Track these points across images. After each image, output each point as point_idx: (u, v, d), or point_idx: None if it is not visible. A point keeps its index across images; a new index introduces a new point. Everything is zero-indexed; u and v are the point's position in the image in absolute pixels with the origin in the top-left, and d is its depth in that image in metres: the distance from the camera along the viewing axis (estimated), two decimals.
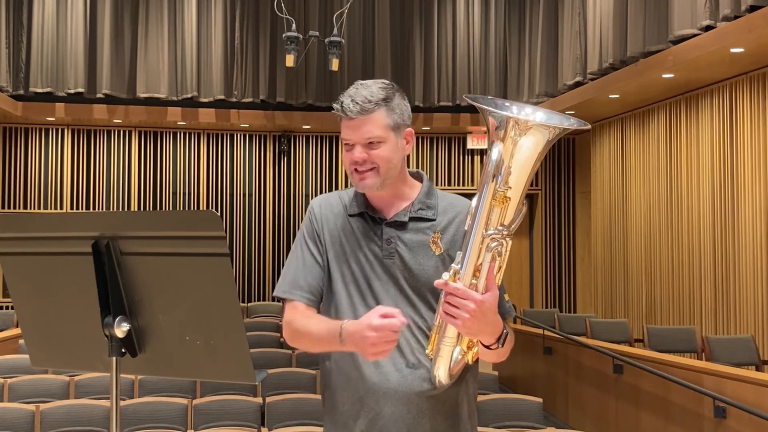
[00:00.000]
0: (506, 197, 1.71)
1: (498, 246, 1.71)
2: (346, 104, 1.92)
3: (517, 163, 1.71)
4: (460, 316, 1.70)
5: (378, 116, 1.92)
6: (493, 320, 1.75)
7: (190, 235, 1.57)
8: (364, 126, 1.92)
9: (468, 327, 1.72)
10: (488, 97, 1.79)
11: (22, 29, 10.34)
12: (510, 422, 4.56)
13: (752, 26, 6.26)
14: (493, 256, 1.71)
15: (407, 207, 1.99)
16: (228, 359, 1.63)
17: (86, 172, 11.20)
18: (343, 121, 1.93)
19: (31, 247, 1.73)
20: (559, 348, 7.68)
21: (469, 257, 1.72)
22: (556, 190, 11.86)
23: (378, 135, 1.92)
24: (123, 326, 1.65)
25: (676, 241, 8.52)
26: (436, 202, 2.00)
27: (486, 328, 1.75)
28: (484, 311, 1.70)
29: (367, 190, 1.96)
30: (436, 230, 1.96)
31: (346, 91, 1.96)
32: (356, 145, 1.93)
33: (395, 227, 1.96)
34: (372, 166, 1.93)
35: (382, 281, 1.94)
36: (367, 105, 1.91)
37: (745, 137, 7.43)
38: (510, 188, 1.71)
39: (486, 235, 1.71)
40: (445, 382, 1.86)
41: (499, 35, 11.10)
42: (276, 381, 5.47)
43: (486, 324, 1.74)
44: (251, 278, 11.45)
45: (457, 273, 1.72)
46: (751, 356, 6.70)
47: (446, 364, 1.83)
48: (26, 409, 4.45)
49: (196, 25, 10.67)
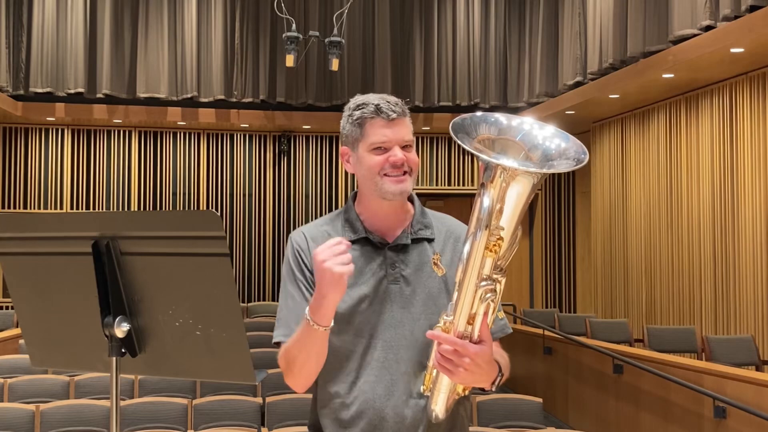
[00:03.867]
0: (498, 241, 1.62)
1: (492, 295, 1.65)
2: (384, 106, 1.89)
3: (509, 202, 1.61)
4: (454, 369, 1.66)
5: (409, 122, 1.93)
6: (488, 369, 1.71)
7: (190, 235, 1.57)
8: (402, 127, 1.90)
9: (462, 379, 1.70)
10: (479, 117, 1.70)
11: (22, 29, 10.35)
12: (510, 422, 4.56)
13: (752, 26, 6.26)
14: (487, 305, 1.65)
15: (406, 228, 1.95)
16: (228, 359, 1.63)
17: (86, 172, 11.20)
18: (377, 122, 1.89)
19: (31, 247, 1.73)
20: (559, 348, 7.68)
21: (463, 309, 1.65)
22: (556, 190, 11.86)
23: (411, 139, 1.92)
24: (123, 326, 1.65)
25: (676, 241, 8.52)
26: (430, 221, 1.98)
27: (480, 378, 1.72)
28: (478, 363, 1.66)
29: (402, 195, 1.90)
30: (435, 251, 1.93)
31: (366, 98, 1.92)
32: (395, 147, 1.89)
33: (397, 251, 1.93)
34: (407, 170, 1.90)
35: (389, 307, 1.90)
36: (405, 108, 1.92)
37: (745, 137, 7.43)
38: (502, 228, 1.62)
39: (480, 286, 1.63)
40: (442, 416, 1.83)
41: (499, 35, 11.10)
42: (276, 381, 5.46)
43: (481, 374, 1.70)
44: (251, 278, 11.45)
45: (450, 324, 1.67)
46: (751, 356, 6.70)
47: (444, 402, 1.80)
48: (26, 409, 4.45)
49: (196, 25, 10.67)
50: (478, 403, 4.67)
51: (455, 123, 1.68)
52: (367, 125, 1.89)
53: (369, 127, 1.89)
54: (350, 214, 1.98)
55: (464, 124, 1.69)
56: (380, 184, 1.89)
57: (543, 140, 1.69)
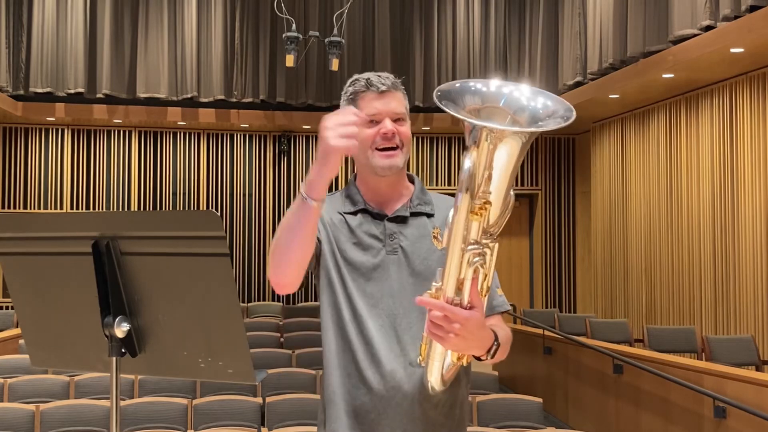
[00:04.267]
0: (485, 205, 1.58)
1: (480, 259, 1.61)
2: (375, 79, 1.91)
3: (498, 165, 1.58)
4: (445, 336, 1.63)
5: (401, 96, 1.95)
6: (480, 335, 1.67)
7: (190, 235, 1.57)
8: (393, 100, 1.92)
9: (454, 345, 1.67)
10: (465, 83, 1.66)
11: (22, 29, 10.35)
12: (510, 422, 4.56)
13: (752, 26, 6.26)
14: (475, 270, 1.62)
15: (406, 203, 1.98)
16: (228, 359, 1.63)
17: (86, 172, 11.21)
18: (368, 95, 1.91)
19: (31, 247, 1.73)
20: (559, 348, 7.68)
21: (451, 274, 1.62)
22: (556, 190, 11.86)
23: (403, 112, 1.93)
24: (123, 326, 1.65)
25: (676, 241, 8.52)
26: (431, 198, 2.01)
27: (473, 344, 1.69)
28: (470, 329, 1.62)
29: (391, 170, 1.92)
30: (435, 225, 1.92)
31: (361, 75, 1.95)
32: (385, 119, 1.90)
33: (397, 222, 1.96)
34: (399, 144, 1.91)
35: (385, 276, 1.93)
36: (395, 81, 1.94)
37: (745, 137, 7.43)
38: (490, 193, 1.58)
39: (466, 250, 1.60)
40: (438, 388, 1.83)
41: (499, 35, 11.10)
42: (276, 381, 5.47)
43: (473, 340, 1.66)
44: (251, 278, 11.45)
45: (440, 290, 1.65)
46: (751, 356, 6.70)
47: (438, 372, 1.79)
48: (26, 409, 4.45)
49: (196, 25, 10.67)
50: (478, 403, 4.67)
51: (442, 90, 1.63)
52: (359, 99, 1.92)
53: (361, 101, 1.92)
54: (350, 189, 2.01)
55: (451, 92, 1.65)
56: (371, 159, 1.91)
57: (528, 101, 1.67)
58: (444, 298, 1.63)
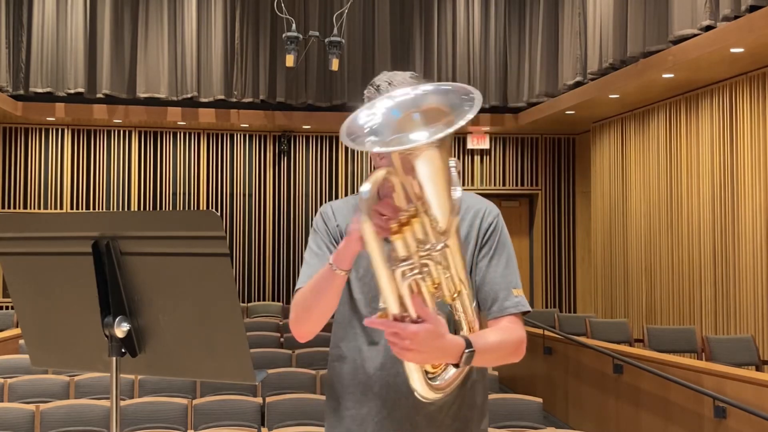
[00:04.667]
0: (409, 220, 1.60)
1: (415, 273, 1.61)
2: (384, 87, 1.90)
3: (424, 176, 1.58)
4: (401, 351, 1.64)
5: None
6: (436, 345, 1.64)
7: (190, 235, 1.57)
8: None
9: (412, 358, 1.67)
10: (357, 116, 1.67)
11: (22, 29, 10.34)
12: (510, 422, 4.56)
13: (752, 26, 6.26)
14: (414, 284, 1.62)
15: None
16: (228, 359, 1.63)
17: (86, 172, 11.20)
18: None
19: (31, 247, 1.73)
20: (559, 348, 7.68)
21: (387, 294, 1.61)
22: (556, 190, 11.86)
23: None
24: (123, 326, 1.65)
25: (676, 241, 8.52)
26: None
27: (432, 355, 1.67)
28: (420, 342, 1.61)
29: None
30: None
31: (377, 78, 1.94)
32: None
33: None
34: None
35: None
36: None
37: (745, 137, 7.43)
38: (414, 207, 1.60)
39: (396, 268, 1.60)
40: (427, 395, 1.78)
41: (499, 35, 11.10)
42: (276, 381, 5.47)
43: (430, 351, 1.65)
44: (251, 278, 11.44)
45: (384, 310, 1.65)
46: (751, 356, 6.70)
47: (420, 379, 1.75)
48: (26, 409, 4.44)
49: (196, 25, 10.66)
50: None
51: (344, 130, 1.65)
52: None
53: None
54: None
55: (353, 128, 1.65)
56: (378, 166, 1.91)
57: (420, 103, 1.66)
58: (391, 316, 1.63)
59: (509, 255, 1.95)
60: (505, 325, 1.88)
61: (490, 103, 11.00)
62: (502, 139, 11.79)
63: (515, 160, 11.85)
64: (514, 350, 1.87)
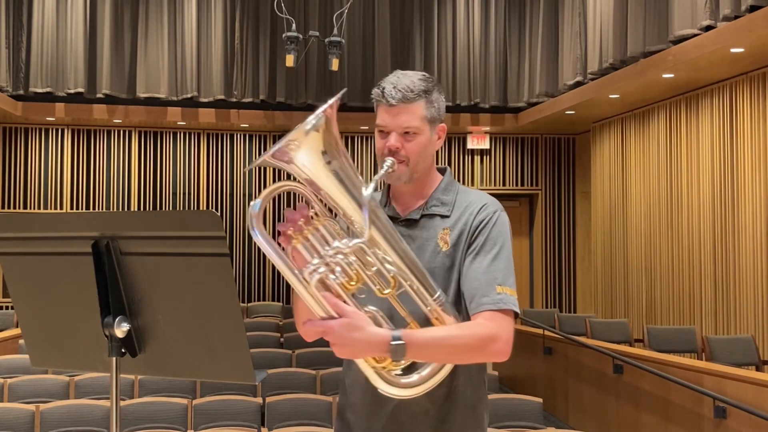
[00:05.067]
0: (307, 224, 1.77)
1: (322, 272, 1.73)
2: (388, 90, 1.90)
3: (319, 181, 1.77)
4: (333, 348, 1.73)
5: (417, 107, 1.91)
6: (361, 338, 1.72)
7: (190, 235, 1.57)
8: (403, 114, 1.90)
9: (340, 353, 1.75)
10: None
11: (22, 29, 10.34)
12: (510, 422, 4.56)
13: (752, 26, 6.26)
14: (321, 283, 1.73)
15: (422, 204, 1.98)
16: (228, 359, 1.63)
17: (86, 172, 11.20)
18: (381, 106, 1.93)
19: (31, 247, 1.73)
20: (559, 348, 7.68)
21: (305, 299, 1.73)
22: (556, 190, 11.86)
23: (415, 126, 1.91)
24: (123, 326, 1.65)
25: (676, 241, 8.52)
26: (453, 198, 1.98)
27: (358, 348, 1.74)
28: (338, 336, 1.70)
29: (394, 181, 1.95)
30: (446, 226, 1.93)
31: (387, 78, 1.95)
32: (393, 133, 1.91)
33: (407, 225, 1.96)
34: (402, 159, 1.91)
35: None
36: (408, 94, 1.90)
37: (745, 137, 7.43)
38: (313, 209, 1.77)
39: (303, 273, 1.73)
40: (395, 392, 1.81)
41: (499, 35, 11.10)
42: (276, 381, 5.47)
43: (351, 344, 1.72)
44: (251, 278, 11.45)
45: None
46: (751, 356, 6.70)
47: (373, 375, 1.79)
48: (26, 409, 4.45)
49: (196, 25, 10.66)
50: None
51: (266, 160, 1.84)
52: (376, 106, 1.95)
53: (377, 108, 1.95)
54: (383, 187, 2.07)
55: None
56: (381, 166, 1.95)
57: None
58: (318, 316, 1.73)
59: (499, 251, 1.89)
60: (477, 322, 1.84)
61: (490, 103, 11.00)
62: (502, 139, 11.79)
63: (515, 160, 11.85)
64: (476, 347, 1.82)
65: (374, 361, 1.78)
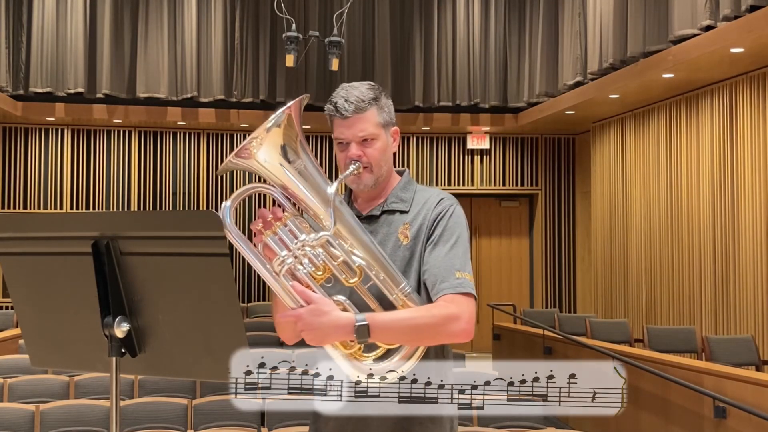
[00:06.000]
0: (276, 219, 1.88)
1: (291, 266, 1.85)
2: (341, 104, 2.01)
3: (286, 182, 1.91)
4: (303, 335, 1.86)
5: (370, 114, 2.03)
6: (328, 321, 1.84)
7: (190, 235, 1.57)
8: (358, 124, 2.01)
9: (311, 340, 1.87)
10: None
11: (22, 29, 10.34)
12: (510, 422, 4.56)
13: (752, 26, 6.26)
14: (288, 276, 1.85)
15: (381, 202, 2.08)
16: (228, 359, 1.63)
17: (86, 172, 11.20)
18: (336, 120, 2.03)
19: (31, 247, 1.73)
20: (559, 348, 7.68)
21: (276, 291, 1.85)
22: (556, 190, 11.86)
23: (372, 132, 2.02)
24: (123, 326, 1.65)
25: (676, 241, 8.52)
26: (411, 196, 2.08)
27: (325, 332, 1.86)
28: (306, 322, 1.83)
29: (363, 188, 2.05)
30: (405, 222, 2.03)
31: (336, 93, 2.05)
32: (351, 143, 2.02)
33: (368, 222, 2.05)
34: (365, 165, 2.02)
35: None
36: (360, 104, 2.01)
37: (745, 137, 7.43)
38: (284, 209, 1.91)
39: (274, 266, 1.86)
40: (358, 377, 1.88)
41: (499, 35, 11.09)
42: None
43: (319, 329, 1.85)
44: (251, 278, 11.44)
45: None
46: (751, 356, 6.70)
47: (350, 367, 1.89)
48: (26, 409, 4.44)
49: (196, 25, 10.66)
50: None
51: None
52: (332, 121, 2.06)
53: (333, 123, 2.05)
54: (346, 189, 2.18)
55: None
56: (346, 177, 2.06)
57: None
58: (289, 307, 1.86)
59: (456, 241, 2.00)
60: (438, 304, 1.93)
61: (490, 103, 11.00)
62: (502, 139, 11.79)
63: (515, 160, 11.84)
64: (438, 326, 1.91)
65: (343, 348, 1.89)
